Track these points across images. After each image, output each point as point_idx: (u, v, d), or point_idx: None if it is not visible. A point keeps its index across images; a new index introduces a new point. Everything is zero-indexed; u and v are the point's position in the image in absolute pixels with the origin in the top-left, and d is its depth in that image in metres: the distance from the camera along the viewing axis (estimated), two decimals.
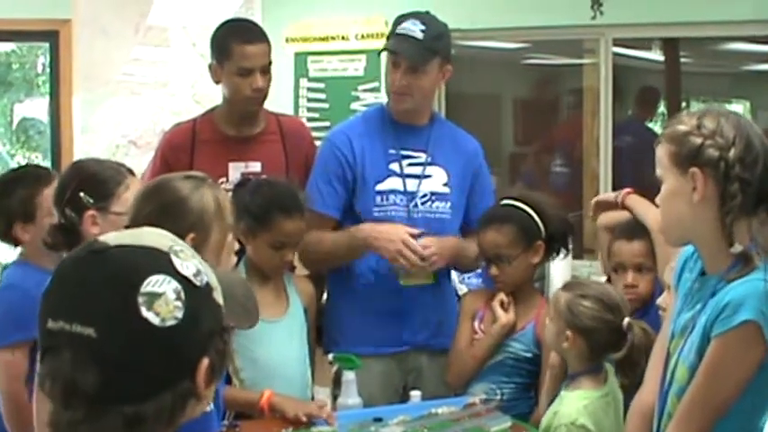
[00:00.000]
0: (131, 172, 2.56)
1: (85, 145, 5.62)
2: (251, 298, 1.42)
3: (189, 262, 1.24)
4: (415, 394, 2.93)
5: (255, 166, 3.27)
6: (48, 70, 6.08)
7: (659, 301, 2.48)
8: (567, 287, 2.66)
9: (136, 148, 5.59)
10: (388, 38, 3.19)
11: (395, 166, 3.14)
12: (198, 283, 1.23)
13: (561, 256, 3.11)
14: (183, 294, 1.20)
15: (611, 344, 2.55)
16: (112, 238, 1.26)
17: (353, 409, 2.83)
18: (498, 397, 2.93)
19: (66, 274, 1.24)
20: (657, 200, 2.10)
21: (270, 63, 3.27)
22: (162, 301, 1.18)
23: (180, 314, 1.19)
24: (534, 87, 6.83)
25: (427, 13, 3.19)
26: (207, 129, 3.32)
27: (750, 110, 7.62)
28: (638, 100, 6.43)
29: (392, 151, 3.15)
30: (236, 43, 3.21)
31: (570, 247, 3.12)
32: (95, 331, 1.16)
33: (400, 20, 3.16)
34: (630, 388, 2.40)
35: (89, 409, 1.18)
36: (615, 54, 5.38)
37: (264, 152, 3.31)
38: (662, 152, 2.03)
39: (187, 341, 1.21)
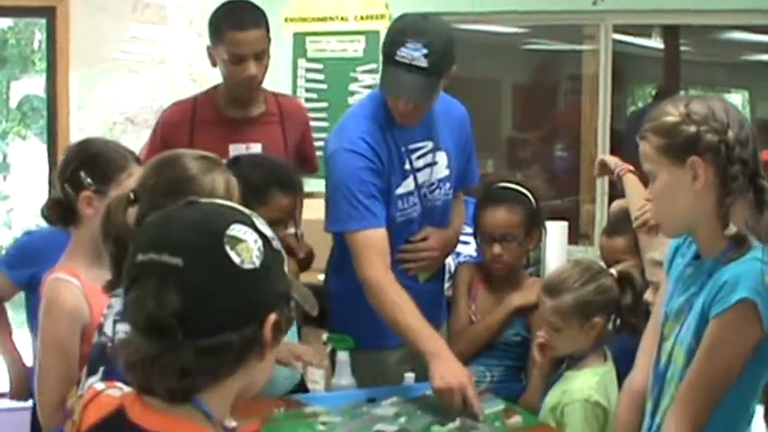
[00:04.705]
0: (138, 160, 2.48)
1: (82, 122, 5.60)
2: (305, 290, 1.45)
3: (268, 229, 1.37)
4: (409, 376, 2.91)
5: (256, 148, 3.20)
6: (44, 47, 6.04)
7: (645, 296, 2.50)
8: (550, 293, 2.61)
9: (133, 126, 5.57)
10: (386, 55, 2.82)
11: (407, 165, 3.02)
12: (275, 246, 1.36)
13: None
14: (261, 247, 1.32)
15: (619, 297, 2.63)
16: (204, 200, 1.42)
17: (346, 390, 2.83)
18: (488, 380, 2.95)
19: (159, 217, 1.37)
20: (650, 194, 2.07)
21: (265, 49, 3.17)
22: (244, 246, 1.31)
23: (258, 262, 1.31)
24: (534, 73, 6.82)
25: (425, 17, 2.86)
26: (208, 109, 3.26)
27: (749, 100, 7.63)
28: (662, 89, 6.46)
29: (402, 149, 3.01)
30: (227, 29, 3.11)
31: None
32: (182, 261, 1.28)
33: (399, 36, 2.80)
34: (640, 327, 2.38)
35: (167, 342, 1.27)
36: (615, 41, 5.37)
37: (265, 134, 3.25)
38: (649, 147, 2.00)
39: (261, 288, 1.32)
